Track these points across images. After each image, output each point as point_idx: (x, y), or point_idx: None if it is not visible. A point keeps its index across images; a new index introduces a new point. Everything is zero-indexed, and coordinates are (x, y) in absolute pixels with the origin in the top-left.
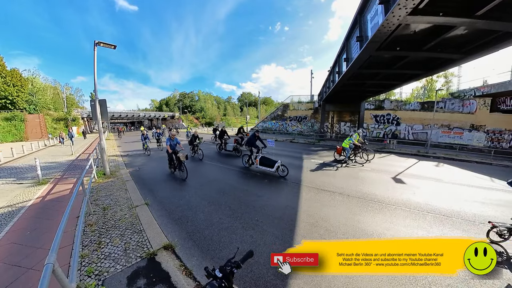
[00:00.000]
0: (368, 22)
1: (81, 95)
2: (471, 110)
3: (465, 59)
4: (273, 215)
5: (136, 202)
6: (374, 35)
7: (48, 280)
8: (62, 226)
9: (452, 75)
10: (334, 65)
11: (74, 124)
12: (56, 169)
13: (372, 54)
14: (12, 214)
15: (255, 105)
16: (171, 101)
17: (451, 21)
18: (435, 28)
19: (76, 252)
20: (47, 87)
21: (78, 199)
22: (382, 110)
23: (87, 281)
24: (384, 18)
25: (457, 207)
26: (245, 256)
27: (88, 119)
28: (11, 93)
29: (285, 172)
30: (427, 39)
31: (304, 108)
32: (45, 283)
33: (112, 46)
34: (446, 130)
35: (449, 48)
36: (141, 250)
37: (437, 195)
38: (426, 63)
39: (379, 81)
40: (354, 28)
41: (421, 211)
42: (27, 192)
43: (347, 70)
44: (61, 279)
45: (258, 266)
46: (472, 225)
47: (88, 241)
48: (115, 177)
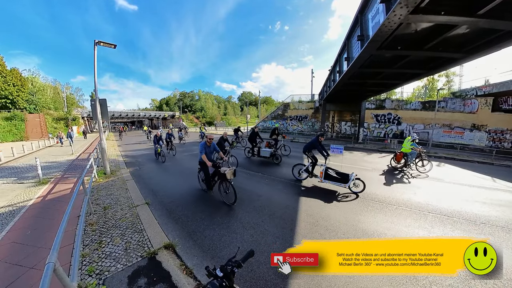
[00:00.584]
0: (369, 21)
1: (81, 94)
2: (473, 110)
3: (467, 58)
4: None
5: (136, 201)
6: (375, 34)
7: (50, 279)
8: (63, 225)
9: (454, 74)
10: (334, 64)
11: (74, 124)
12: (56, 169)
13: (373, 53)
14: (13, 213)
15: (255, 104)
16: (171, 100)
17: (453, 20)
18: (437, 27)
19: (77, 251)
20: (47, 86)
21: (78, 198)
22: (383, 110)
23: (88, 280)
24: (385, 17)
25: (458, 207)
26: (246, 255)
27: (89, 118)
28: (11, 92)
29: (360, 187)
30: (429, 38)
31: (305, 108)
32: (46, 282)
33: (112, 45)
34: (447, 130)
35: (451, 47)
36: (141, 250)
37: (438, 195)
38: (427, 62)
39: (380, 80)
40: (355, 27)
41: (422, 211)
42: (27, 192)
43: (348, 69)
44: (62, 278)
45: (259, 266)
46: (474, 225)
47: (89, 240)
48: (116, 177)
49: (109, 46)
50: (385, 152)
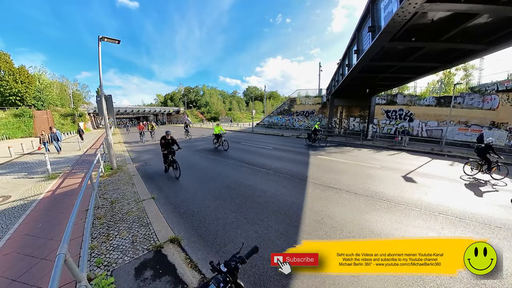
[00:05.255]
0: (381, 11)
1: (88, 91)
2: (493, 106)
3: (488, 50)
4: None
5: (142, 196)
6: (388, 24)
7: (61, 269)
8: (72, 218)
9: (473, 67)
10: (343, 58)
11: (81, 120)
12: (64, 164)
13: (384, 45)
14: (24, 207)
15: (261, 99)
16: (176, 95)
17: (474, 8)
18: (455, 16)
19: (86, 244)
20: (54, 83)
21: (86, 192)
22: (394, 105)
23: (96, 271)
24: (399, 6)
25: (471, 209)
26: (250, 251)
27: (95, 114)
28: (19, 90)
29: None
30: (446, 29)
31: (312, 103)
32: (58, 272)
33: (116, 41)
34: (463, 128)
35: (471, 38)
36: (148, 243)
37: (451, 195)
38: (444, 55)
39: (391, 74)
40: (365, 17)
41: (433, 212)
42: (38, 186)
43: (358, 62)
44: (72, 269)
45: (263, 262)
46: (488, 228)
47: (97, 233)
48: (122, 172)
49: (113, 42)
50: (395, 150)
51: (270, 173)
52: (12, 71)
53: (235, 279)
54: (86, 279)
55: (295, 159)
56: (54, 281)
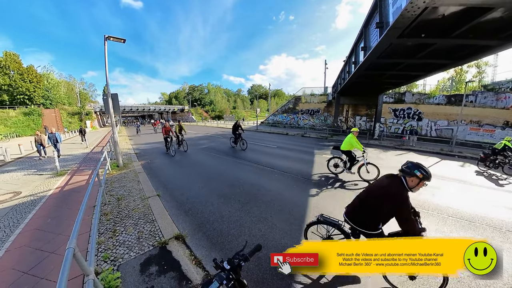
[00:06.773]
0: (390, 6)
1: (94, 89)
2: (507, 105)
3: (503, 46)
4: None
5: (148, 193)
6: (396, 20)
7: (70, 263)
8: (80, 214)
9: (486, 64)
10: (350, 55)
11: (88, 118)
12: (72, 161)
13: (393, 42)
14: (34, 202)
15: (265, 97)
16: (180, 94)
17: (489, 2)
18: (468, 11)
19: (93, 239)
20: (61, 82)
21: (94, 189)
22: (402, 104)
23: (103, 266)
24: (409, 1)
25: (482, 211)
26: (253, 249)
27: (101, 113)
28: (28, 89)
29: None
30: (458, 24)
31: (317, 101)
32: (67, 265)
33: (121, 40)
34: (475, 127)
35: (484, 34)
36: (153, 239)
37: (460, 197)
38: (455, 52)
39: (399, 71)
40: (373, 13)
41: (441, 214)
42: (47, 183)
43: (365, 59)
44: (81, 263)
45: (266, 260)
46: (498, 232)
47: (104, 229)
48: (128, 169)
49: (119, 41)
50: (403, 149)
51: (274, 172)
52: (21, 70)
53: (238, 276)
54: (93, 273)
55: (300, 158)
56: (63, 274)
